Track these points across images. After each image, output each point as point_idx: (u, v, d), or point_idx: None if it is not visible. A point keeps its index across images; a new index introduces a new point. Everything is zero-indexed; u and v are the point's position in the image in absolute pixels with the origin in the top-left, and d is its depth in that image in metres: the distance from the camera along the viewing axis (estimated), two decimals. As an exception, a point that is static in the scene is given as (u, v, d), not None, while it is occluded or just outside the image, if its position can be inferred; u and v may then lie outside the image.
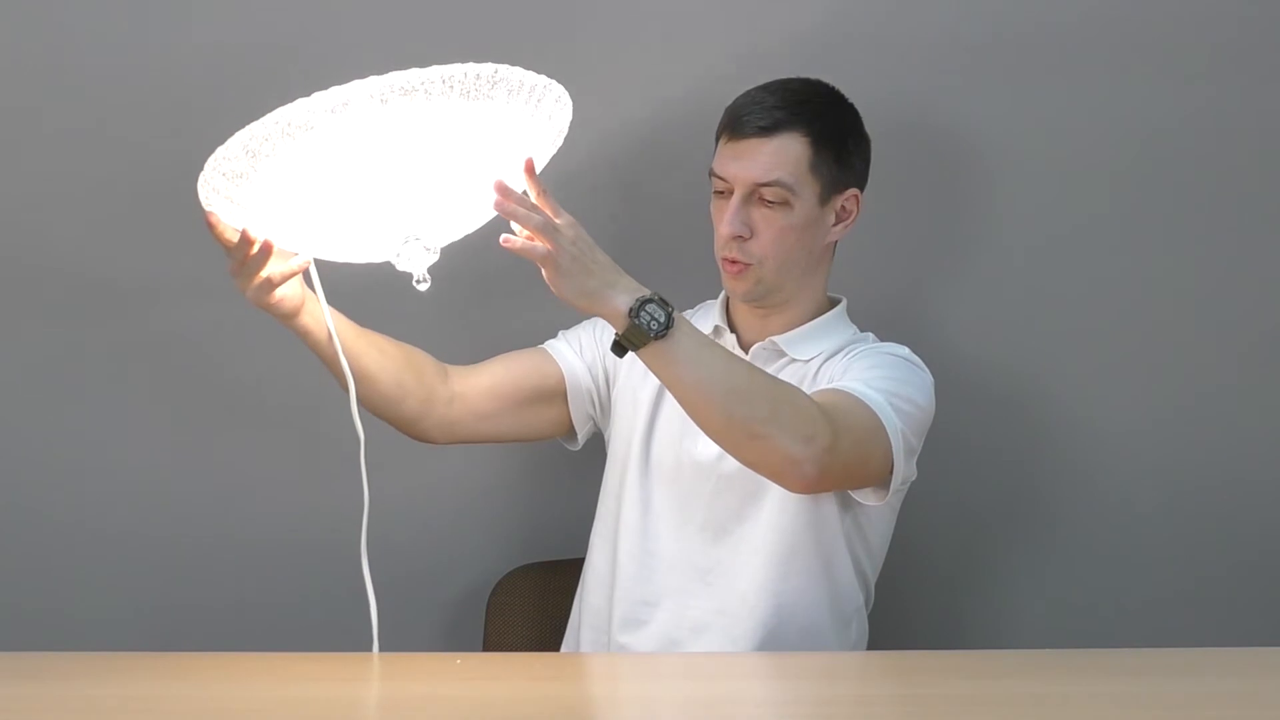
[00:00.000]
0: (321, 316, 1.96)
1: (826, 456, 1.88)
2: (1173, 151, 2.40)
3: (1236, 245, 2.44)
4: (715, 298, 2.21)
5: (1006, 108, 2.39)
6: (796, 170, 2.05)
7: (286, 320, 1.94)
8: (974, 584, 2.49)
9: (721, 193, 2.08)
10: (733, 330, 2.16)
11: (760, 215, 2.06)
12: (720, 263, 2.09)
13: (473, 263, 1.93)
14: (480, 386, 2.14)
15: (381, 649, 1.89)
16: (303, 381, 2.19)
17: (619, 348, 1.86)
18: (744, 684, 1.83)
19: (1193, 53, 2.38)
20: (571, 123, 1.87)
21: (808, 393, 2.02)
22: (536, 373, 2.18)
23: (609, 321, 1.86)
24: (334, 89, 1.68)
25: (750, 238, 2.06)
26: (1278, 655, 1.93)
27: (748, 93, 2.09)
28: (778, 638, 2.06)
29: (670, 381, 1.88)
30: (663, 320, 1.83)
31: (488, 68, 1.73)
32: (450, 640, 2.45)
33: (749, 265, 2.06)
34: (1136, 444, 2.46)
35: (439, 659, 1.89)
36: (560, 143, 1.90)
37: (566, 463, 2.29)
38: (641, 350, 1.84)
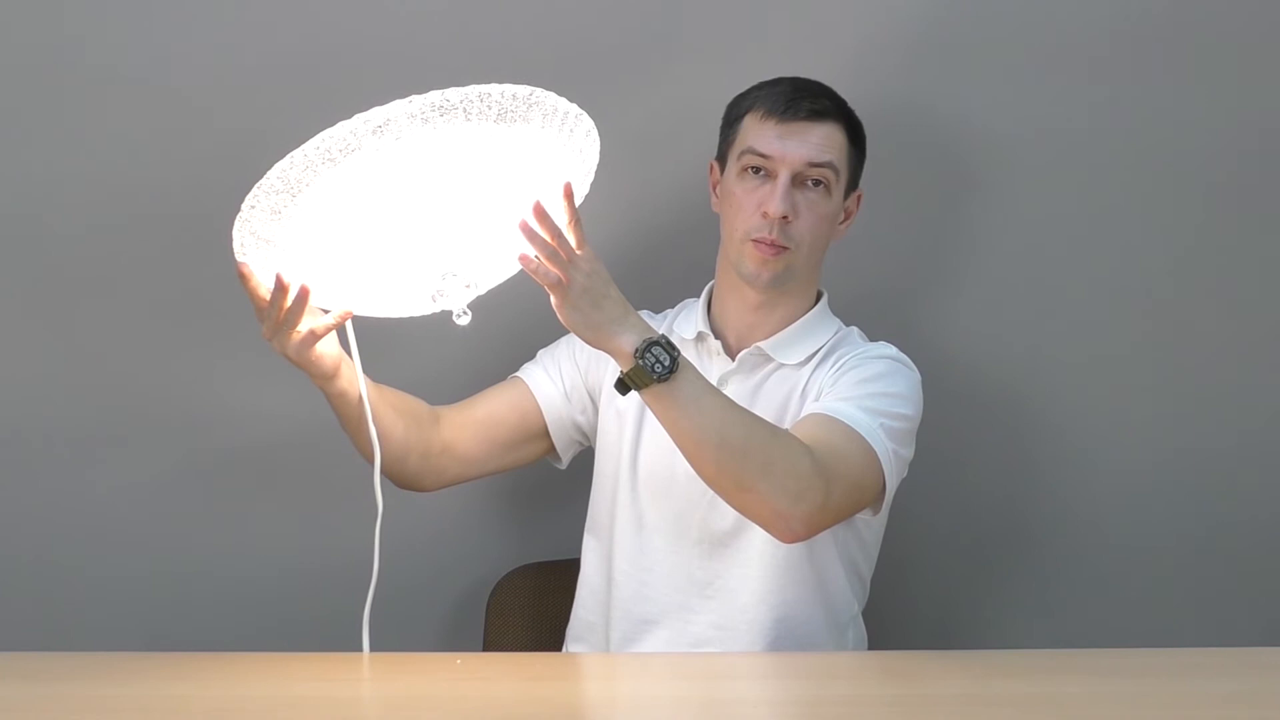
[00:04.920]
0: (356, 380, 1.94)
1: (817, 514, 1.87)
2: (1167, 153, 2.40)
3: (1231, 249, 2.44)
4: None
5: (996, 104, 2.39)
6: (840, 157, 2.06)
7: (324, 381, 1.91)
8: (970, 585, 2.49)
9: (757, 171, 2.05)
10: (717, 336, 2.13)
11: (804, 199, 2.04)
12: (751, 245, 2.04)
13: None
14: (466, 433, 2.12)
15: (381, 649, 1.89)
16: (313, 397, 2.16)
17: (622, 386, 1.85)
18: (743, 684, 1.83)
19: (1188, 54, 2.38)
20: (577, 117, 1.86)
21: (801, 411, 2.03)
22: (516, 412, 2.16)
23: (614, 358, 1.85)
24: (374, 109, 1.65)
25: (792, 220, 2.04)
26: (1276, 655, 1.94)
27: (781, 80, 2.08)
28: (776, 650, 2.05)
29: (667, 424, 1.87)
30: (667, 364, 1.82)
31: (524, 89, 1.72)
32: (450, 640, 2.45)
33: (786, 248, 2.04)
34: (1132, 443, 2.46)
35: (439, 659, 1.89)
36: (590, 180, 1.89)
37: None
38: (643, 391, 1.84)
